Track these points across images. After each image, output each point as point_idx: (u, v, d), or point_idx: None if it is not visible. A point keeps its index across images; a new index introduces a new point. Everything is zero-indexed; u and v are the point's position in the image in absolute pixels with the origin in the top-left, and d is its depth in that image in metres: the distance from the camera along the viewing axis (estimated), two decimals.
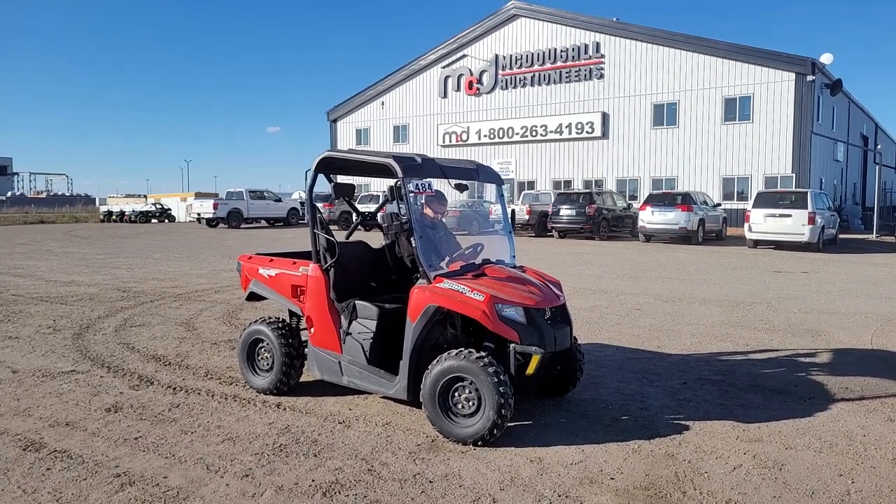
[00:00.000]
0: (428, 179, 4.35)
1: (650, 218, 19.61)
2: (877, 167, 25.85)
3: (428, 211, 4.76)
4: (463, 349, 3.91)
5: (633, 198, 27.19)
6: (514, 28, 31.71)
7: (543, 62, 30.77)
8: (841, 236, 20.76)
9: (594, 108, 29.64)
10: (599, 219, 20.93)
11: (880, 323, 7.54)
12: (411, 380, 4.08)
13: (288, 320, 5.02)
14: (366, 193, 28.56)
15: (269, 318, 4.95)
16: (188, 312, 8.09)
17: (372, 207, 6.03)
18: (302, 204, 32.20)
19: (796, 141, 25.11)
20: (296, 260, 4.82)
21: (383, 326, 4.32)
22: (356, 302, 4.41)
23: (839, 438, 4.02)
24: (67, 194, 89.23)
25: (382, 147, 36.47)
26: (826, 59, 25.76)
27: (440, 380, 3.88)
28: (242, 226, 29.60)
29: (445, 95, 34.07)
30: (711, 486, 3.41)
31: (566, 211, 21.18)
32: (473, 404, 3.84)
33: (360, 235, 5.31)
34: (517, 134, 31.71)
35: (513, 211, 5.47)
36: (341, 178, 5.22)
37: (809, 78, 24.85)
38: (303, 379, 4.94)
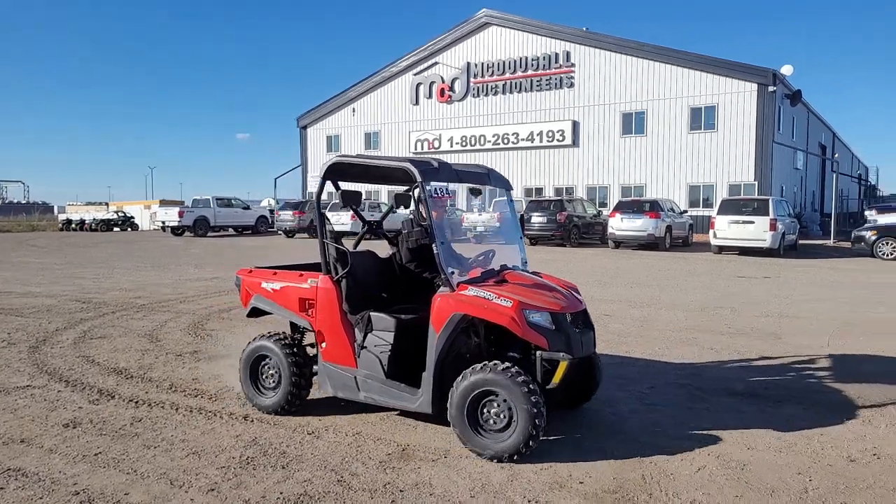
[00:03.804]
0: (444, 184, 4.26)
1: (619, 225, 19.86)
2: (834, 175, 26.62)
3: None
4: (490, 362, 3.76)
5: (603, 205, 27.53)
6: (486, 36, 31.95)
7: (515, 70, 31.04)
8: (801, 242, 21.29)
9: (565, 116, 29.98)
10: (570, 226, 21.12)
11: (837, 326, 7.73)
12: (436, 393, 3.91)
13: (290, 334, 4.77)
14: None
15: (275, 333, 4.68)
16: (152, 324, 7.92)
17: (375, 216, 5.84)
18: (271, 212, 31.87)
19: (758, 149, 25.73)
20: (302, 272, 4.57)
21: (401, 338, 4.13)
22: (371, 314, 4.19)
23: (798, 439, 4.11)
24: (24, 202, 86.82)
25: (354, 153, 36.24)
26: (786, 70, 26.47)
27: (468, 395, 3.73)
28: (209, 234, 29.15)
29: (417, 102, 34.13)
30: (677, 487, 3.47)
31: (537, 218, 21.34)
32: (504, 418, 3.70)
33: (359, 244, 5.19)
34: (489, 142, 31.88)
35: (521, 216, 5.38)
36: (341, 185, 5.04)
37: (771, 89, 25.51)
38: (313, 396, 4.73)
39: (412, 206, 5.11)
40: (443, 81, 33.12)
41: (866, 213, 27.86)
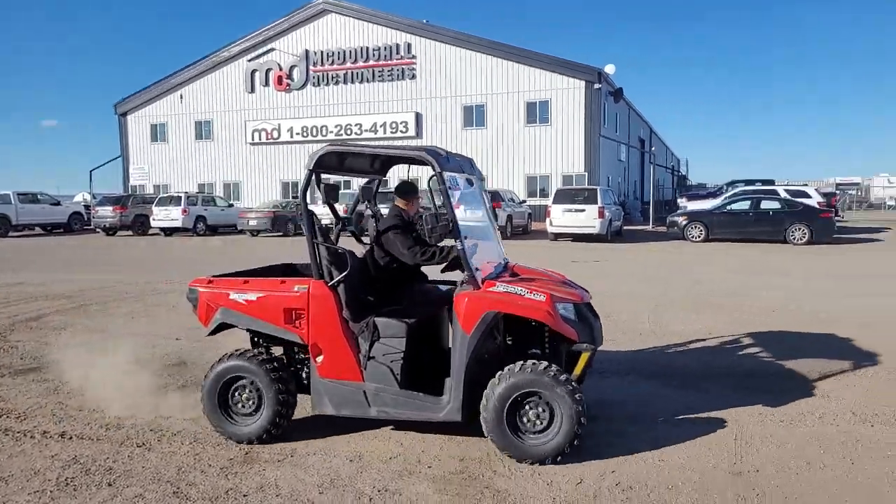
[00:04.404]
0: (453, 174, 3.98)
1: (463, 215, 20.42)
2: (652, 167, 29.58)
3: (406, 206, 4.40)
4: (527, 362, 3.63)
5: None
6: (325, 23, 31.27)
7: (356, 60, 30.72)
8: (625, 227, 23.39)
9: (407, 107, 30.25)
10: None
11: (654, 304, 8.58)
12: (465, 399, 3.65)
13: (264, 349, 4.21)
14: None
15: (248, 350, 4.11)
16: None
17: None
18: (87, 207, 28.77)
19: (587, 143, 27.81)
20: (284, 279, 4.09)
21: (412, 344, 3.86)
22: (376, 319, 3.83)
23: (627, 405, 4.51)
24: None
25: (183, 144, 34.00)
26: (609, 69, 28.85)
27: (508, 398, 3.55)
28: (11, 234, 25.59)
29: (253, 90, 32.59)
30: (520, 463, 3.63)
31: (383, 210, 21.30)
32: (545, 419, 3.58)
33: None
34: (331, 132, 31.31)
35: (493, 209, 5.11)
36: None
37: (596, 86, 27.65)
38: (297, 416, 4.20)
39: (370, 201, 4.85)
40: (280, 69, 31.92)
41: (679, 200, 31.28)
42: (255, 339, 4.22)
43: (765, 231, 18.08)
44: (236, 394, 3.96)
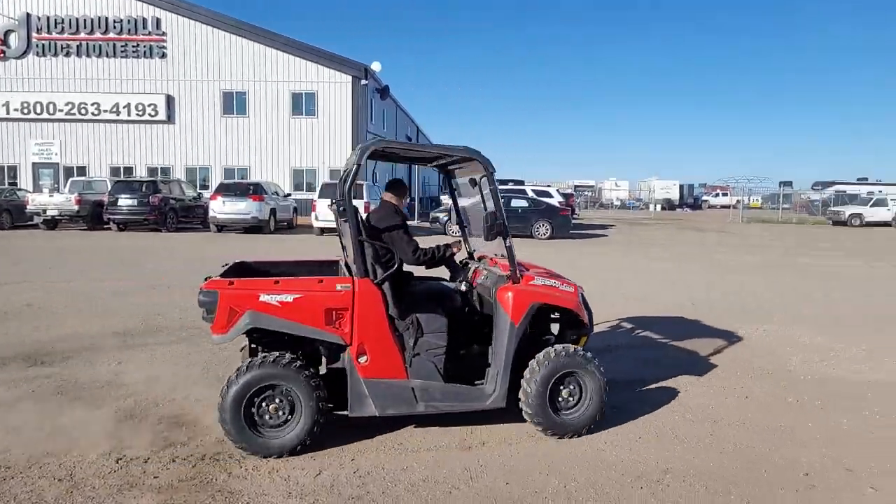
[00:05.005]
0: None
1: (221, 208, 19.27)
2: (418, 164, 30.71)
3: (398, 202, 4.34)
4: (561, 346, 3.94)
5: (205, 187, 26.29)
6: None
7: (92, 30, 27.00)
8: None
9: (157, 88, 27.46)
10: (166, 209, 19.62)
11: None
12: (509, 386, 3.84)
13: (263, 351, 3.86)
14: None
15: (277, 354, 3.65)
16: None
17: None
18: None
19: (354, 137, 27.96)
20: (322, 277, 3.81)
21: (452, 338, 3.97)
22: (418, 316, 3.87)
23: None
24: None
25: None
26: (376, 66, 29.36)
27: (549, 381, 3.82)
28: None
29: None
30: (257, 461, 3.50)
31: (126, 201, 19.18)
32: (576, 397, 3.91)
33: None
34: (61, 111, 27.15)
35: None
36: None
37: (363, 82, 27.93)
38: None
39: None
40: None
41: (442, 197, 33.03)
42: (255, 345, 3.95)
43: (514, 227, 19.81)
44: (262, 405, 3.62)
